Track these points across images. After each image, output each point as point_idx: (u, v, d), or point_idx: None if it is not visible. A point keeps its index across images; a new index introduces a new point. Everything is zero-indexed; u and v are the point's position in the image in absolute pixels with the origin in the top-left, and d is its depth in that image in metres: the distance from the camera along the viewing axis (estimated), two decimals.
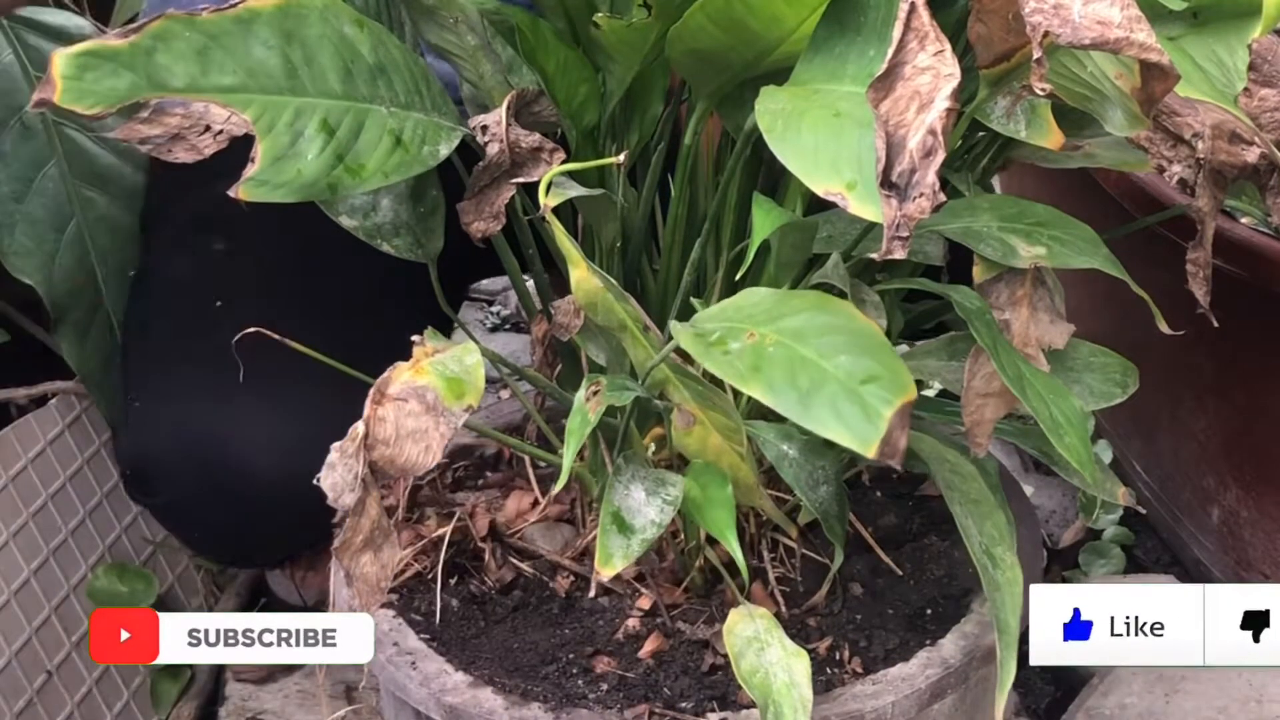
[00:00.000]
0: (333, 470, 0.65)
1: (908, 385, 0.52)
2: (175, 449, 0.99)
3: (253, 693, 1.22)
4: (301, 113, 0.65)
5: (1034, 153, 0.81)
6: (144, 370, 1.07)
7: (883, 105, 0.53)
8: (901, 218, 0.52)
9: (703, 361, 0.57)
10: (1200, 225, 0.81)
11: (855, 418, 0.52)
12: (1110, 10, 0.55)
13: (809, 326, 0.56)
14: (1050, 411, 0.67)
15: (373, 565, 0.68)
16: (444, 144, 0.71)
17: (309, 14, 0.67)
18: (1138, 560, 1.36)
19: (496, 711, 0.76)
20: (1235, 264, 1.04)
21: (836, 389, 0.53)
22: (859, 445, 0.51)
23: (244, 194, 0.62)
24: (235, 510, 0.99)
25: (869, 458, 0.52)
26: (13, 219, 1.17)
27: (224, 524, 1.02)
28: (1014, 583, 0.72)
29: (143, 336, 1.10)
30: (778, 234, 0.68)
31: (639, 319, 0.68)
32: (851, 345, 0.54)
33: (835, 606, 0.84)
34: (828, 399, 0.53)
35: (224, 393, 0.96)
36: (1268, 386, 1.14)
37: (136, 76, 0.61)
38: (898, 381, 0.52)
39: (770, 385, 0.54)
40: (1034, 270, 0.74)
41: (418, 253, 0.84)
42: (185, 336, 1.05)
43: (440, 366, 0.67)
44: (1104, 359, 0.79)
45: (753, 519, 0.84)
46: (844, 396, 0.52)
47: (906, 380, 0.53)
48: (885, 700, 0.76)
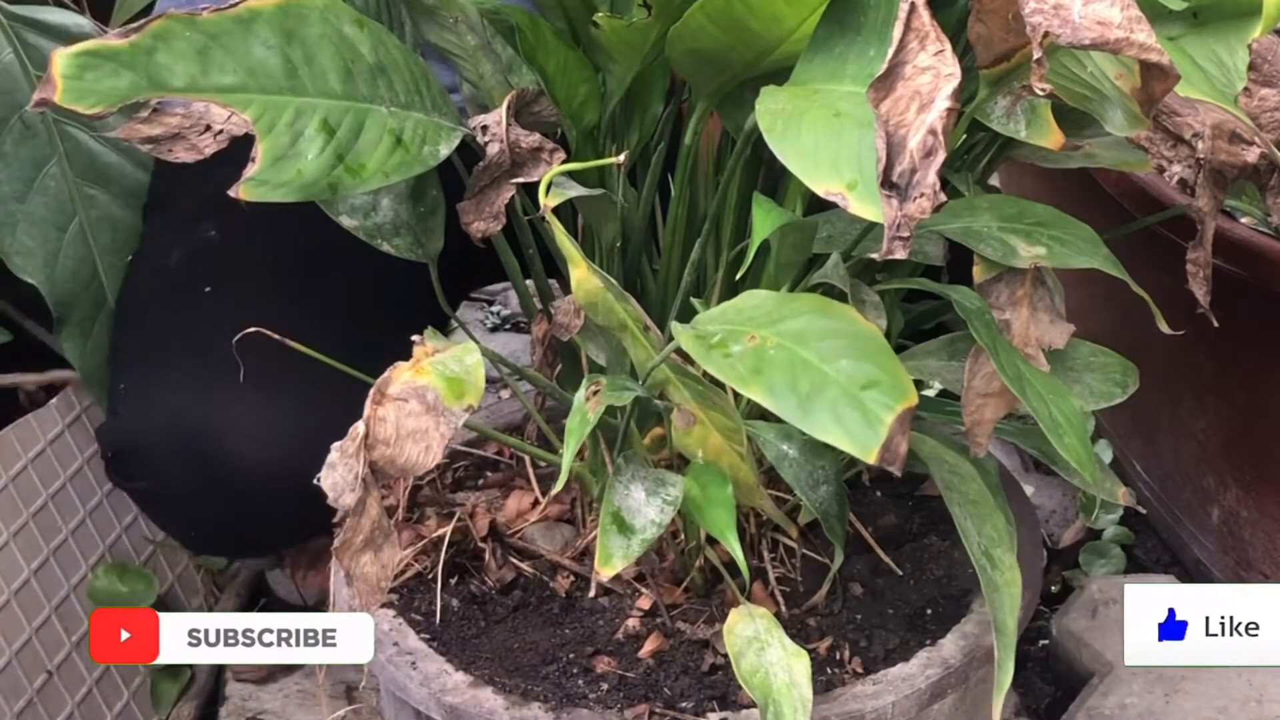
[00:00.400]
0: (333, 470, 0.65)
1: (908, 391, 0.52)
2: (159, 434, 0.99)
3: (253, 693, 1.22)
4: (302, 112, 0.65)
5: (1034, 153, 0.80)
6: (131, 354, 1.07)
7: (883, 105, 0.53)
8: (902, 218, 0.52)
9: (704, 364, 0.57)
10: (1200, 225, 0.81)
11: (856, 423, 0.52)
12: (1110, 10, 0.55)
13: (810, 330, 0.56)
14: (1050, 411, 0.67)
15: (373, 565, 0.68)
16: (444, 144, 0.71)
17: (309, 14, 0.67)
18: (1138, 560, 1.36)
19: (497, 711, 0.76)
20: (1235, 264, 1.04)
21: (838, 394, 0.53)
22: (860, 451, 0.51)
23: (244, 194, 0.62)
24: (217, 498, 0.99)
25: (869, 463, 0.52)
26: (14, 218, 1.17)
27: (206, 512, 1.01)
28: (1012, 584, 0.72)
29: (132, 321, 1.10)
30: (778, 234, 0.68)
31: (639, 319, 0.68)
32: (853, 349, 0.54)
33: (835, 606, 0.84)
34: (828, 404, 0.52)
35: (209, 380, 0.97)
36: (1268, 386, 1.14)
37: (137, 76, 0.61)
38: (899, 387, 0.52)
39: (771, 389, 0.54)
40: (1034, 270, 0.74)
41: (418, 253, 0.84)
42: (174, 322, 1.04)
43: (440, 366, 0.67)
44: (1104, 359, 0.79)
45: (753, 519, 0.84)
46: (845, 401, 0.52)
47: (907, 386, 0.53)
48: (885, 700, 0.76)
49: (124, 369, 1.06)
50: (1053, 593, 1.32)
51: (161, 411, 0.99)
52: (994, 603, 0.71)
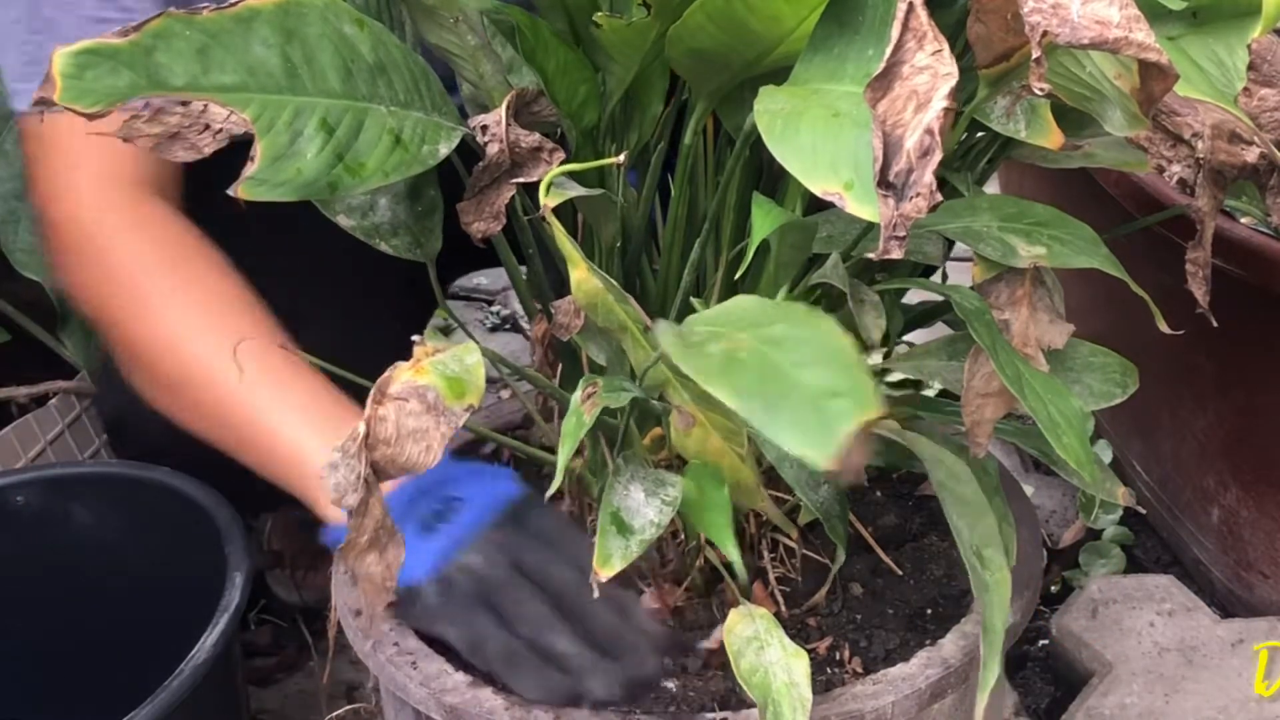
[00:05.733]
0: (335, 470, 0.65)
1: (872, 405, 0.51)
2: (144, 401, 0.99)
3: (253, 693, 1.22)
4: (301, 112, 0.65)
5: (1034, 153, 0.81)
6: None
7: (880, 105, 0.53)
8: (898, 217, 0.52)
9: (678, 361, 0.57)
10: (1200, 225, 0.81)
11: (814, 430, 0.51)
12: (1109, 10, 0.55)
13: (788, 336, 0.55)
14: (1049, 411, 0.67)
15: (378, 565, 0.69)
16: (443, 143, 0.71)
17: (309, 13, 0.67)
18: (1138, 560, 1.36)
19: (497, 711, 0.76)
20: (1235, 264, 1.04)
21: (801, 400, 0.52)
22: (813, 458, 0.50)
23: (243, 193, 0.63)
24: (204, 461, 0.99)
25: (823, 469, 0.51)
26: (16, 215, 1.18)
27: (201, 472, 1.02)
28: (1002, 584, 0.71)
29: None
30: (777, 234, 0.68)
31: (639, 319, 0.68)
32: (823, 359, 0.53)
33: (835, 606, 0.85)
34: (790, 409, 0.52)
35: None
36: (1268, 386, 1.14)
37: (136, 75, 0.61)
38: (862, 400, 0.51)
39: (737, 389, 0.53)
40: (1034, 270, 0.74)
41: (416, 252, 0.84)
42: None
43: (441, 366, 0.67)
44: (1104, 359, 0.79)
45: (753, 519, 0.84)
46: (807, 408, 0.51)
47: (872, 400, 0.51)
48: (885, 700, 0.76)
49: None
50: (1053, 593, 1.32)
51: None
52: (984, 602, 0.71)
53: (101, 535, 1.01)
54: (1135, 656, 1.15)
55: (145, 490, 0.98)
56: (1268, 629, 1.17)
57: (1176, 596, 1.21)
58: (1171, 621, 1.18)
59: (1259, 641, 1.15)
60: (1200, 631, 1.17)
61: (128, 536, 1.00)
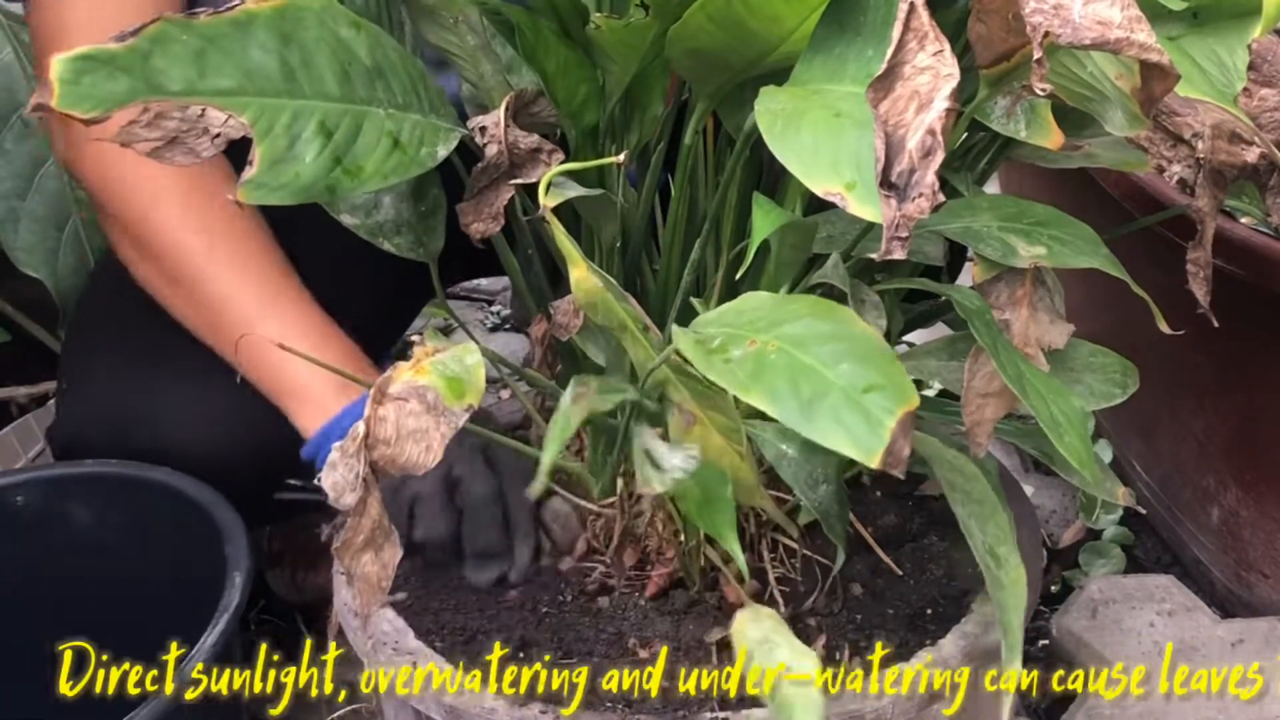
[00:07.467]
0: (334, 470, 0.65)
1: (910, 394, 0.52)
2: (97, 426, 1.01)
3: None
4: (299, 115, 0.65)
5: (1034, 153, 0.80)
6: (75, 353, 1.09)
7: (882, 105, 0.53)
8: (900, 218, 0.52)
9: (704, 370, 0.57)
10: (1200, 225, 0.81)
11: (859, 427, 0.51)
12: (1110, 10, 0.55)
13: (810, 333, 0.56)
14: (1050, 411, 0.67)
15: (374, 565, 0.68)
16: (442, 145, 0.71)
17: (306, 16, 0.67)
18: (1138, 560, 1.36)
19: (497, 711, 0.76)
20: (1235, 264, 1.04)
21: (839, 398, 0.52)
22: (863, 455, 0.51)
23: (242, 196, 0.62)
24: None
25: (873, 467, 0.51)
26: (16, 215, 1.18)
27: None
28: (1018, 582, 0.71)
29: (79, 322, 1.12)
30: (778, 234, 0.68)
31: (639, 319, 0.68)
32: (854, 353, 0.54)
33: (835, 606, 0.84)
34: (830, 408, 0.52)
35: (144, 370, 1.00)
36: (1268, 386, 1.14)
37: (134, 80, 0.60)
38: (900, 390, 0.52)
39: (773, 394, 0.53)
40: (1034, 270, 0.74)
41: (419, 251, 0.84)
42: (112, 321, 1.06)
43: (441, 366, 0.67)
44: (1104, 359, 0.79)
45: (753, 519, 0.84)
46: (847, 406, 0.52)
47: (908, 389, 0.52)
48: (885, 700, 0.76)
49: (68, 369, 1.08)
50: (1053, 593, 1.32)
51: (99, 403, 1.01)
52: (1000, 601, 0.71)
53: (101, 535, 1.01)
54: (1135, 656, 1.15)
55: (145, 490, 0.98)
56: (1268, 629, 1.17)
57: (1176, 596, 1.21)
58: (1171, 621, 1.18)
59: (1258, 641, 1.15)
60: (1200, 631, 1.17)
61: (128, 536, 1.00)
